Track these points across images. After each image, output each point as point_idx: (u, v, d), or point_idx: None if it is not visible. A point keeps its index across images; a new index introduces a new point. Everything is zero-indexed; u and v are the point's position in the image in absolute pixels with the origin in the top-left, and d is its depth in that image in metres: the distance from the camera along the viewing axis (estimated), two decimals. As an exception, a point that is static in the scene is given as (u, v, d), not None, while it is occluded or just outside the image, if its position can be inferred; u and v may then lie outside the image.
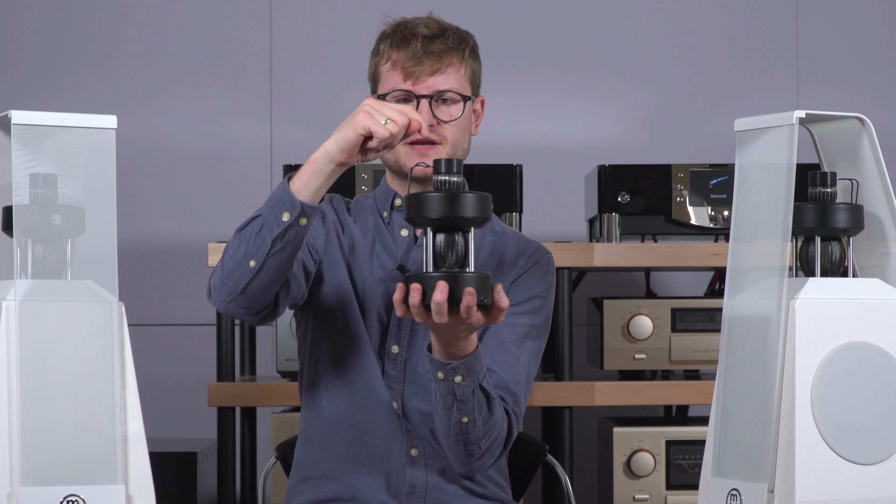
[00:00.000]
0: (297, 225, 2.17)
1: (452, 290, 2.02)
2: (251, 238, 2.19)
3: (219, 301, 2.25)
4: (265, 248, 2.18)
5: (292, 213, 2.17)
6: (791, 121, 1.97)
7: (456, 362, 2.20)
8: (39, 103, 3.93)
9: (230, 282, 2.22)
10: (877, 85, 4.07)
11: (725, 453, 2.02)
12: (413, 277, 2.04)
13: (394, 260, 2.43)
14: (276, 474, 3.17)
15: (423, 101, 2.37)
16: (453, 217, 2.02)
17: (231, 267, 2.22)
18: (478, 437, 2.30)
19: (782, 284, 1.97)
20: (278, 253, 2.19)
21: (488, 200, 2.05)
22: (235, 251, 2.21)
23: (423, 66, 2.37)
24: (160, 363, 3.98)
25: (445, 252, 2.04)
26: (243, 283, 2.21)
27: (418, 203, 2.03)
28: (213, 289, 2.26)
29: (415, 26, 2.39)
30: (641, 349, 3.30)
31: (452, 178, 2.04)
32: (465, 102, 2.40)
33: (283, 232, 2.17)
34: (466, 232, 2.05)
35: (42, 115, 1.90)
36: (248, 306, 2.25)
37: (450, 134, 2.39)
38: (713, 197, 3.32)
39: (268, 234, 2.18)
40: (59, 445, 1.85)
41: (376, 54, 2.43)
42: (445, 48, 2.38)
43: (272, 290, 2.24)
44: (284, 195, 2.17)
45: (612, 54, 4.06)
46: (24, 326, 1.85)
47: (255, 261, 2.19)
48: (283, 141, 4.01)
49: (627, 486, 3.23)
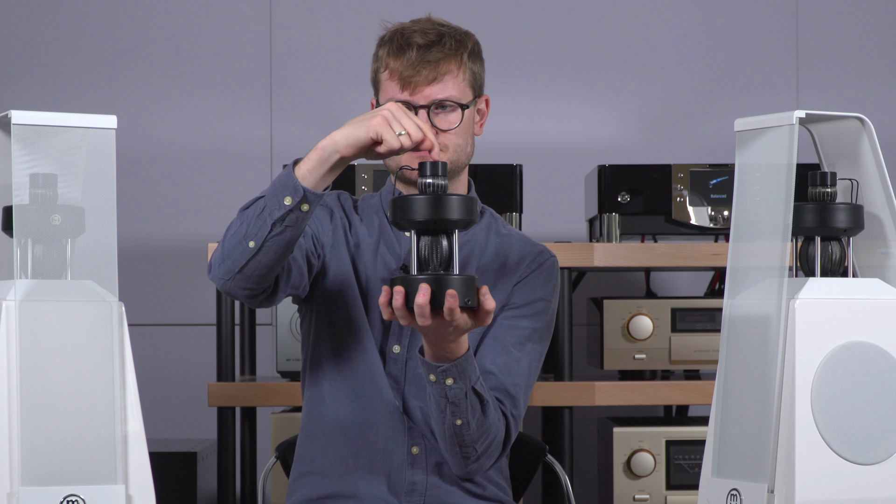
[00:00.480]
0: (299, 210, 2.17)
1: (435, 293, 2.01)
2: (253, 219, 2.20)
3: (217, 277, 2.26)
4: (265, 229, 2.19)
5: (294, 197, 2.17)
6: (791, 121, 1.97)
7: (446, 365, 2.20)
8: (39, 103, 3.93)
9: (229, 260, 2.23)
10: (877, 85, 4.07)
11: (725, 453, 2.02)
12: (397, 280, 2.04)
13: (398, 259, 2.43)
14: (276, 474, 3.17)
15: (421, 112, 2.36)
16: (437, 220, 2.02)
17: (231, 245, 2.22)
18: (472, 439, 2.30)
19: (782, 284, 1.97)
20: (278, 236, 2.19)
21: (473, 203, 2.05)
22: (237, 230, 2.22)
23: (420, 75, 2.36)
24: (160, 363, 3.98)
25: (429, 255, 2.04)
26: (241, 263, 2.21)
27: (402, 206, 2.03)
28: (213, 265, 2.27)
29: (411, 34, 2.38)
30: (641, 349, 3.30)
31: (437, 181, 2.04)
32: (463, 111, 2.39)
33: (283, 215, 2.17)
34: (451, 234, 2.05)
35: (42, 115, 1.90)
36: (246, 286, 2.25)
37: (451, 141, 2.39)
38: (713, 197, 3.33)
39: (269, 216, 2.18)
40: (59, 445, 1.85)
41: (376, 60, 2.43)
42: (442, 56, 2.37)
43: (270, 273, 2.24)
44: (288, 179, 2.18)
45: (612, 54, 4.06)
46: (24, 326, 1.85)
47: (254, 241, 2.20)
48: (283, 141, 4.01)
49: (627, 486, 3.23)
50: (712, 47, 4.06)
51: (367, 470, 2.39)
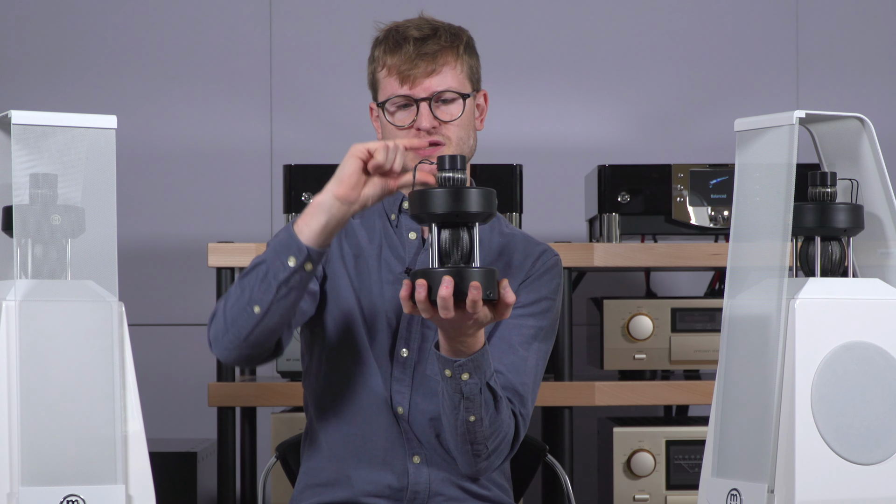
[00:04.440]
0: (303, 270, 2.17)
1: (458, 285, 2.02)
2: (256, 284, 2.19)
3: (222, 349, 2.25)
4: (270, 293, 2.18)
5: (298, 257, 2.16)
6: (791, 121, 1.97)
7: (463, 359, 2.19)
8: (39, 103, 3.93)
9: (234, 328, 2.22)
10: (877, 85, 4.07)
11: (725, 453, 2.02)
12: (419, 273, 2.04)
13: (402, 263, 2.42)
14: (276, 474, 3.17)
15: (422, 105, 2.36)
16: (457, 212, 2.02)
17: (234, 314, 2.21)
18: (484, 436, 2.30)
19: (782, 284, 1.97)
20: (283, 298, 2.18)
21: (492, 196, 2.05)
22: (239, 298, 2.21)
23: (419, 68, 2.36)
24: (160, 363, 3.98)
25: (450, 248, 2.05)
26: (247, 330, 2.21)
27: (422, 199, 2.03)
28: (216, 337, 2.25)
29: (406, 29, 2.38)
30: (641, 349, 3.30)
31: (456, 174, 2.04)
32: (464, 100, 2.40)
33: (288, 277, 2.17)
34: (471, 227, 2.05)
35: (42, 115, 1.91)
36: (251, 353, 2.25)
37: (453, 133, 2.39)
38: (713, 197, 3.32)
39: (273, 279, 2.17)
40: (59, 445, 1.85)
41: (372, 61, 2.43)
42: (439, 48, 2.37)
43: (275, 336, 2.25)
44: (289, 239, 2.17)
45: (612, 54, 4.06)
46: (24, 326, 1.85)
47: (259, 307, 2.19)
48: (283, 141, 4.01)
49: (627, 486, 3.23)
50: (712, 47, 4.06)
51: (369, 479, 2.39)
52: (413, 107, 2.37)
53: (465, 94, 2.40)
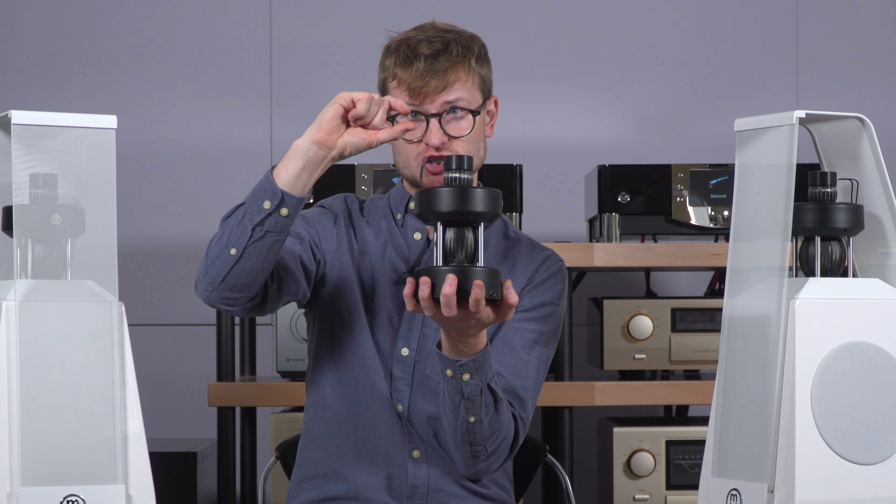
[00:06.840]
0: (279, 214, 2.17)
1: (461, 284, 2.03)
2: (234, 226, 2.19)
3: (202, 290, 2.24)
4: (245, 235, 2.18)
5: (273, 200, 2.16)
6: (791, 121, 1.97)
7: (465, 359, 2.19)
8: (39, 103, 3.93)
9: (212, 271, 2.22)
10: (877, 85, 4.07)
11: (725, 453, 2.02)
12: (423, 271, 2.05)
13: (406, 262, 2.42)
14: (276, 474, 3.17)
15: (432, 121, 2.36)
16: (463, 211, 2.03)
17: (213, 256, 2.21)
18: (484, 437, 2.30)
19: (782, 284, 1.97)
20: (259, 241, 2.18)
21: (498, 196, 2.06)
22: (218, 240, 2.21)
23: (430, 85, 2.35)
24: (160, 363, 3.98)
25: (455, 247, 2.05)
26: (224, 272, 2.20)
27: (428, 197, 2.04)
28: (198, 279, 2.25)
29: (417, 44, 2.36)
30: (641, 349, 3.30)
31: (463, 174, 2.05)
32: (474, 117, 2.39)
33: (263, 219, 2.17)
34: (476, 227, 2.06)
35: (42, 115, 1.90)
36: (230, 296, 2.23)
37: (462, 149, 2.37)
38: (713, 197, 3.33)
39: (249, 221, 2.17)
40: (59, 445, 1.85)
41: (383, 70, 2.41)
42: (450, 64, 2.36)
43: (255, 281, 2.23)
44: (266, 183, 2.17)
45: (612, 54, 4.06)
46: (24, 326, 1.85)
47: (235, 248, 2.19)
48: (283, 141, 4.01)
49: (627, 486, 3.23)
50: (712, 47, 4.07)
51: (368, 472, 2.39)
52: (422, 122, 2.37)
53: (476, 112, 2.39)
